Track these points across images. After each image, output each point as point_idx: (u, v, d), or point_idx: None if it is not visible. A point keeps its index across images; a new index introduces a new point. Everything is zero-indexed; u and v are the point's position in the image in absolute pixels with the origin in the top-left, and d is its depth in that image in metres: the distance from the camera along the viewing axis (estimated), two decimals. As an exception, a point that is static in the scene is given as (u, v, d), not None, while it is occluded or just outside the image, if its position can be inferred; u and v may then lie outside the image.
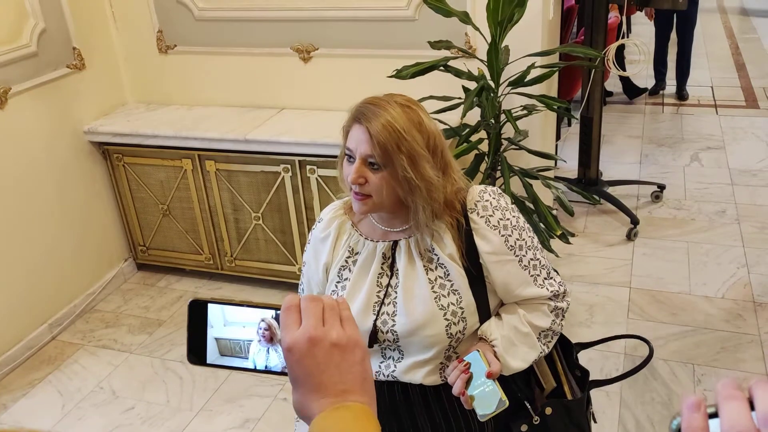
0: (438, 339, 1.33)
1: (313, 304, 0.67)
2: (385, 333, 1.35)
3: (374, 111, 1.25)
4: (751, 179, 4.08)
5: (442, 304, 1.32)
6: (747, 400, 0.40)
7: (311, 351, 0.65)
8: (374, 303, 1.36)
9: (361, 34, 2.94)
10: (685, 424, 0.42)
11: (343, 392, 0.65)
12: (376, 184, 1.27)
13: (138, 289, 3.43)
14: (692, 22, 5.27)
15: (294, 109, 3.18)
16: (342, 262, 1.40)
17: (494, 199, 1.36)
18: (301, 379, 0.65)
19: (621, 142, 4.79)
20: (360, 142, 1.26)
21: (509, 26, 2.27)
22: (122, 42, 3.33)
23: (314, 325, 0.66)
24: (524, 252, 1.35)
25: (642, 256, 3.37)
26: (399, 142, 1.23)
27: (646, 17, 5.50)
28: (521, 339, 1.36)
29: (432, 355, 1.35)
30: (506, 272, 1.34)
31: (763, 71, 6.13)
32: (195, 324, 0.74)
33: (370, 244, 1.38)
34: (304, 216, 3.04)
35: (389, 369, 1.39)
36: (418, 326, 1.32)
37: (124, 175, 3.28)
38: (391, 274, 1.36)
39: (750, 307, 2.93)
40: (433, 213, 1.30)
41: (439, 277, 1.34)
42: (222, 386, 2.70)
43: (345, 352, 0.66)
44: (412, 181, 1.25)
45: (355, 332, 0.68)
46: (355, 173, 1.26)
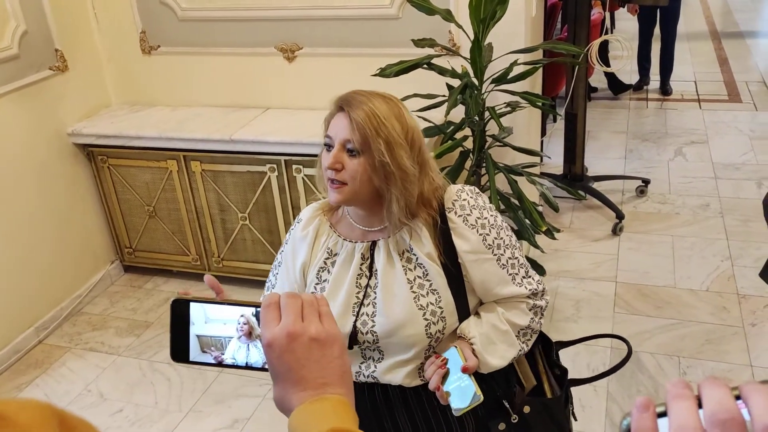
0: (418, 339, 1.33)
1: (292, 300, 0.69)
2: (365, 334, 1.35)
3: (358, 99, 1.27)
4: (734, 173, 4.13)
5: (421, 303, 1.32)
6: (695, 398, 0.41)
7: (291, 346, 0.66)
8: (353, 304, 1.36)
9: (345, 32, 2.95)
10: (635, 425, 0.42)
11: (322, 385, 0.67)
12: (352, 170, 1.27)
13: (125, 291, 3.41)
14: (675, 18, 5.31)
15: (279, 109, 3.18)
16: (321, 264, 1.39)
17: (472, 198, 1.36)
18: (282, 373, 0.67)
19: (606, 137, 4.82)
20: (340, 129, 1.27)
21: (492, 23, 2.28)
22: (105, 43, 3.31)
23: (293, 320, 0.67)
24: (502, 251, 1.36)
25: (627, 251, 3.40)
26: (378, 128, 1.25)
27: (629, 13, 5.54)
28: (500, 337, 1.36)
29: (412, 356, 1.35)
30: (484, 271, 1.35)
31: (745, 66, 6.19)
32: (178, 323, 0.75)
33: (348, 245, 1.38)
34: (290, 216, 3.04)
35: (369, 369, 1.39)
36: (397, 326, 1.32)
37: (109, 177, 3.26)
38: (370, 274, 1.36)
39: (734, 300, 2.96)
40: (407, 207, 1.30)
41: (418, 276, 1.34)
42: (211, 387, 2.70)
43: (324, 346, 0.67)
44: (387, 166, 1.26)
45: (333, 327, 0.69)
46: (332, 158, 1.27)
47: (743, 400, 0.40)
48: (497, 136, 2.55)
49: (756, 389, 0.40)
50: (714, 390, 0.40)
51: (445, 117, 2.37)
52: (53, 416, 0.40)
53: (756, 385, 0.40)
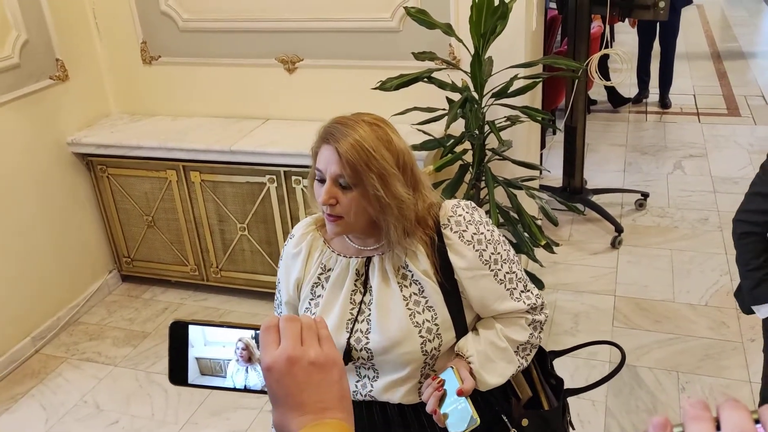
0: (413, 357, 1.32)
1: (291, 324, 0.69)
2: (359, 351, 1.34)
3: (342, 131, 1.23)
4: (733, 187, 4.13)
5: (416, 321, 1.31)
6: (713, 420, 0.41)
7: (290, 370, 0.66)
8: (347, 320, 1.35)
9: (346, 45, 2.96)
10: None
11: (322, 410, 0.66)
12: (346, 204, 1.26)
13: (122, 301, 3.40)
14: (675, 32, 5.33)
15: (279, 120, 3.19)
16: (315, 279, 1.38)
17: (467, 213, 1.35)
18: (281, 398, 0.67)
19: (605, 150, 4.83)
20: (329, 163, 1.24)
21: (492, 38, 2.29)
22: (106, 53, 3.32)
23: (293, 344, 0.67)
24: (499, 266, 1.34)
25: (626, 264, 3.40)
26: (368, 161, 1.22)
27: (629, 26, 5.57)
28: (498, 354, 1.35)
29: (407, 373, 1.34)
30: (482, 287, 1.33)
31: (744, 80, 6.21)
32: (176, 345, 0.75)
33: (343, 260, 1.37)
34: (289, 227, 3.03)
35: (366, 389, 1.38)
36: (392, 344, 1.31)
37: (108, 187, 3.26)
38: (364, 290, 1.35)
39: (733, 315, 2.96)
40: (405, 231, 1.29)
41: (414, 293, 1.33)
42: (207, 399, 2.68)
43: (323, 370, 0.67)
44: (383, 199, 1.24)
45: (332, 351, 0.69)
46: (325, 194, 1.25)
47: (762, 424, 0.39)
48: (497, 149, 2.55)
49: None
50: (733, 412, 0.40)
51: (445, 131, 2.37)
52: None
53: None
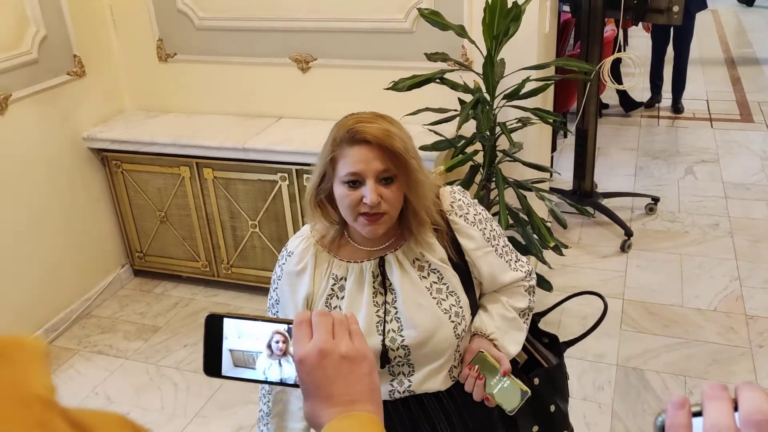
0: (448, 343, 1.35)
1: (324, 318, 0.71)
2: (396, 350, 1.34)
3: (366, 128, 1.23)
4: (745, 193, 4.12)
5: (444, 307, 1.34)
6: (731, 401, 0.42)
7: (321, 363, 0.68)
8: (376, 323, 1.35)
9: (359, 45, 2.98)
10: (669, 421, 0.43)
11: (351, 402, 0.68)
12: (391, 199, 1.26)
13: (134, 295, 3.44)
14: (689, 36, 5.31)
15: (292, 119, 3.21)
16: (328, 291, 1.37)
17: (463, 197, 1.41)
18: (312, 389, 0.69)
19: (616, 154, 4.82)
20: (368, 161, 1.23)
21: (505, 40, 2.30)
22: (122, 50, 3.36)
23: (324, 338, 0.69)
24: (497, 241, 1.41)
25: (636, 268, 3.40)
26: (405, 146, 1.25)
27: (643, 30, 5.55)
28: (510, 325, 1.41)
29: (443, 361, 1.37)
30: (489, 263, 1.39)
31: (757, 85, 6.18)
32: (211, 337, 0.76)
33: (355, 266, 1.36)
34: (300, 224, 3.06)
35: (403, 385, 1.38)
36: (428, 335, 1.33)
37: (122, 182, 3.30)
38: (384, 290, 1.36)
39: (742, 320, 2.95)
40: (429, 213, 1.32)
41: (434, 282, 1.35)
42: (216, 393, 2.71)
43: (353, 364, 0.69)
44: (423, 183, 1.28)
45: (363, 345, 0.71)
46: (373, 193, 1.22)
47: None
48: (508, 151, 2.56)
49: None
50: (751, 393, 0.41)
51: (457, 131, 2.39)
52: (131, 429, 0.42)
53: None
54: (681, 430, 0.42)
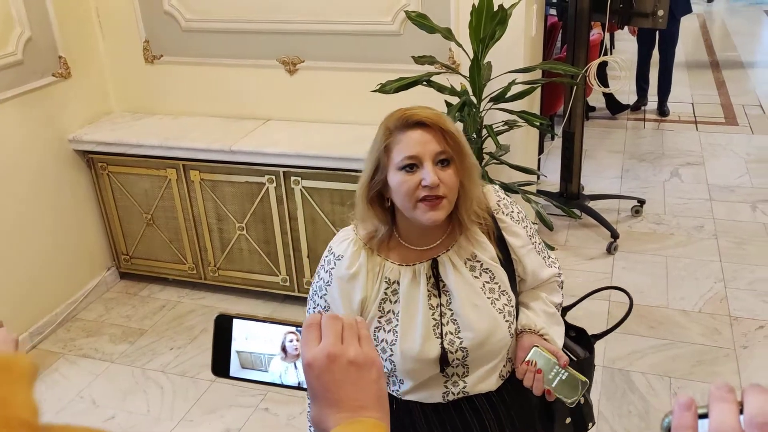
0: (504, 343, 1.36)
1: (333, 322, 0.70)
2: (455, 353, 1.33)
3: (417, 111, 1.25)
4: (729, 195, 4.16)
5: (498, 307, 1.34)
6: (737, 403, 0.42)
7: (330, 367, 0.68)
8: (433, 326, 1.33)
9: (347, 47, 2.98)
10: (675, 422, 0.43)
11: (358, 408, 0.68)
12: (449, 181, 1.25)
13: (120, 298, 3.42)
14: (674, 40, 5.36)
15: (279, 121, 3.21)
16: (381, 295, 1.34)
17: (505, 196, 1.43)
18: (320, 394, 0.68)
19: (603, 156, 4.86)
20: (425, 143, 1.23)
21: (491, 43, 2.31)
22: (108, 51, 3.35)
23: (333, 342, 0.68)
24: (535, 239, 1.43)
25: (621, 270, 3.42)
26: (457, 130, 1.27)
27: (629, 34, 5.60)
28: (552, 320, 1.44)
29: (498, 361, 1.38)
30: (532, 261, 1.41)
31: (742, 89, 6.25)
32: (220, 338, 0.76)
33: (408, 270, 1.33)
34: (288, 227, 3.05)
35: (458, 386, 1.37)
36: (486, 335, 1.33)
37: (108, 184, 3.28)
38: (438, 292, 1.34)
39: (726, 321, 2.98)
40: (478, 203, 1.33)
41: (486, 282, 1.35)
42: (203, 396, 2.70)
43: (362, 369, 0.69)
44: (476, 167, 1.29)
45: (372, 351, 0.71)
46: (432, 175, 1.22)
47: None
48: (494, 153, 2.58)
49: None
50: (756, 395, 0.41)
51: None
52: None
53: None
54: (687, 431, 0.43)
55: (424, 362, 1.32)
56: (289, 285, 3.19)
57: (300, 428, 2.53)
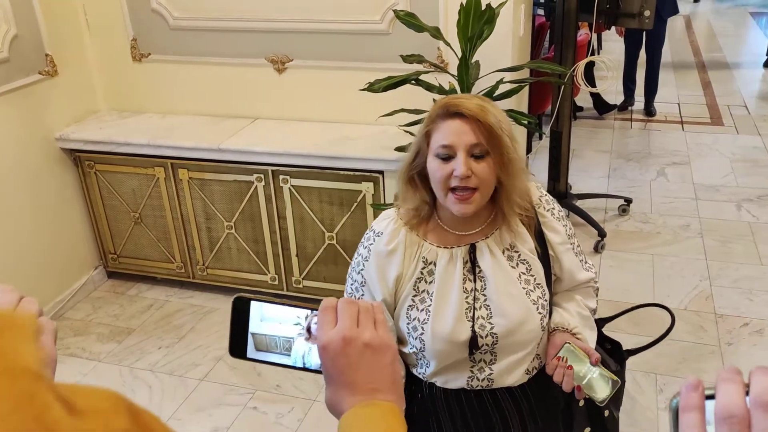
0: (534, 334, 1.36)
1: (349, 306, 0.71)
2: (485, 337, 1.34)
3: (463, 102, 1.26)
4: (715, 194, 4.20)
5: (532, 298, 1.35)
6: (744, 384, 0.43)
7: (345, 350, 0.68)
8: (466, 309, 1.35)
9: (336, 46, 2.98)
10: (683, 403, 0.44)
11: (372, 391, 0.68)
12: (482, 174, 1.25)
13: (108, 297, 3.41)
14: (661, 41, 5.41)
15: (268, 119, 3.21)
16: (417, 275, 1.36)
17: (548, 193, 1.43)
18: (335, 376, 0.69)
19: (590, 156, 4.89)
20: (461, 134, 1.25)
21: (479, 42, 2.32)
22: (96, 49, 3.33)
23: (349, 325, 0.69)
24: (573, 240, 1.44)
25: (609, 268, 3.45)
26: (500, 123, 1.26)
27: (617, 34, 5.64)
28: (586, 323, 1.44)
29: (526, 353, 1.38)
30: (569, 260, 1.41)
31: (727, 89, 6.31)
32: (237, 320, 0.77)
33: (445, 252, 1.35)
34: (276, 225, 3.05)
35: (483, 373, 1.38)
36: (517, 325, 1.34)
37: (95, 183, 3.27)
38: (474, 277, 1.36)
39: (711, 319, 3.01)
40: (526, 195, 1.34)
41: (522, 273, 1.36)
42: (191, 395, 2.69)
43: (376, 353, 0.69)
44: (516, 162, 1.28)
45: (387, 335, 0.71)
46: (464, 166, 1.23)
47: None
48: (482, 152, 2.59)
49: None
50: (762, 376, 0.42)
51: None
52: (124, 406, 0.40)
53: None
54: (694, 411, 0.43)
55: (453, 344, 1.34)
56: (277, 284, 3.18)
57: (288, 426, 2.53)
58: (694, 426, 0.43)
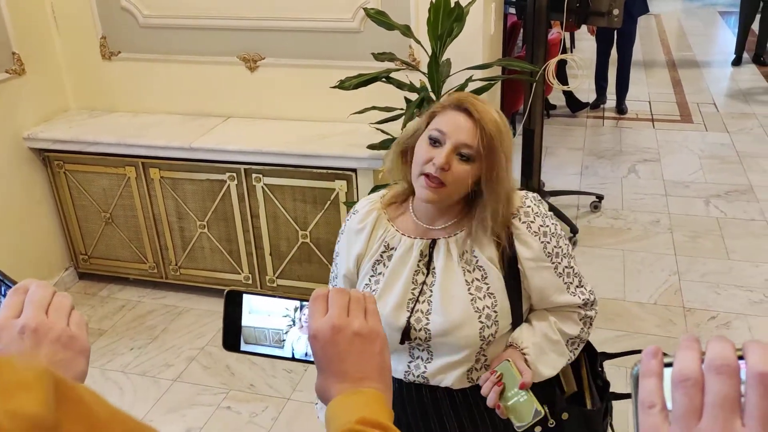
0: (471, 341, 1.33)
1: (340, 295, 0.72)
2: (418, 331, 1.35)
3: (480, 105, 1.27)
4: (684, 190, 4.27)
5: (477, 306, 1.33)
6: (701, 352, 0.45)
7: (334, 338, 0.69)
8: (408, 300, 1.36)
9: (308, 44, 2.98)
10: (643, 368, 0.46)
11: (361, 379, 0.70)
12: (458, 175, 1.26)
13: (79, 298, 3.36)
14: (631, 40, 5.48)
15: (240, 118, 3.19)
16: (377, 257, 1.39)
17: (535, 205, 1.37)
18: (324, 364, 0.70)
19: (563, 153, 4.94)
20: (458, 129, 1.26)
21: (449, 40, 2.34)
22: (64, 47, 3.28)
23: (338, 314, 0.70)
24: (560, 259, 1.36)
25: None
26: (502, 140, 1.26)
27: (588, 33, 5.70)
28: (551, 347, 1.37)
29: (462, 358, 1.35)
30: (542, 278, 1.35)
31: (697, 87, 6.42)
32: (230, 313, 0.77)
33: (407, 241, 1.37)
34: (249, 224, 3.04)
35: (419, 369, 1.39)
36: (453, 326, 1.33)
37: (65, 183, 3.22)
38: (427, 272, 1.36)
39: (680, 313, 3.07)
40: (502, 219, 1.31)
41: (476, 279, 1.34)
42: (164, 396, 2.67)
43: (365, 341, 0.70)
44: (504, 182, 1.27)
45: (377, 324, 0.72)
46: (444, 158, 1.24)
47: (743, 353, 0.43)
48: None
49: (756, 343, 0.44)
50: (718, 343, 0.44)
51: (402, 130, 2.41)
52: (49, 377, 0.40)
53: (758, 341, 0.44)
54: (652, 377, 0.45)
55: (389, 327, 1.35)
56: (251, 283, 3.17)
57: (262, 426, 2.52)
58: (652, 391, 0.45)
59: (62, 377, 0.40)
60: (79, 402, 0.40)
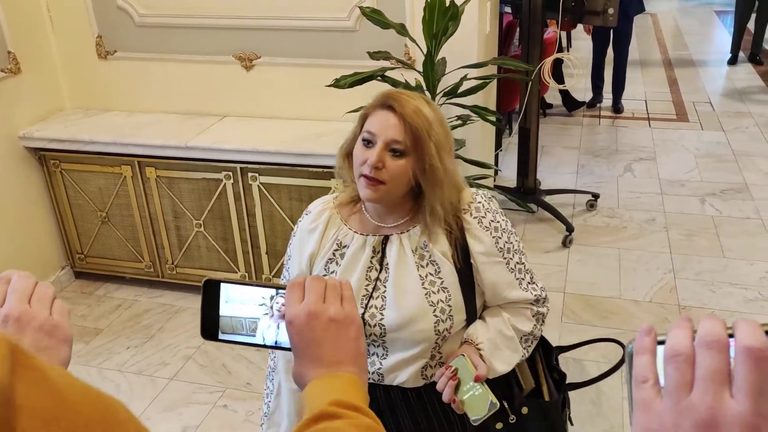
0: (426, 335, 1.34)
1: (317, 282, 0.74)
2: (373, 327, 1.35)
3: (403, 99, 1.28)
4: (680, 189, 4.28)
5: (432, 300, 1.34)
6: (693, 330, 0.46)
7: (310, 324, 0.71)
8: (362, 296, 1.37)
9: (303, 43, 2.98)
10: (636, 346, 0.48)
11: (336, 363, 0.71)
12: (394, 171, 1.28)
13: (75, 297, 3.36)
14: (627, 39, 5.49)
15: (236, 117, 3.19)
16: (329, 255, 1.40)
17: (486, 201, 1.40)
18: (301, 350, 0.72)
19: (559, 152, 4.95)
20: (386, 127, 1.27)
21: (444, 39, 2.34)
22: (60, 47, 3.28)
23: (315, 300, 0.72)
24: (511, 255, 1.39)
25: (576, 263, 3.50)
26: (429, 130, 1.27)
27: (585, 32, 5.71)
28: (505, 343, 1.39)
29: (417, 353, 1.36)
30: (495, 273, 1.37)
31: (693, 86, 6.43)
32: (208, 302, 0.78)
33: (359, 238, 1.39)
34: (245, 223, 3.04)
35: (374, 366, 1.39)
36: (407, 321, 1.33)
37: (61, 182, 3.22)
38: (380, 268, 1.37)
39: (675, 310, 3.08)
40: (445, 209, 1.32)
41: (430, 273, 1.35)
42: (160, 394, 2.68)
43: (341, 327, 0.72)
44: (438, 171, 1.28)
45: (352, 311, 0.74)
46: (376, 157, 1.26)
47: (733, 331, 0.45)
48: (449, 148, 2.61)
49: (744, 321, 0.45)
50: (709, 321, 0.45)
51: (398, 128, 2.41)
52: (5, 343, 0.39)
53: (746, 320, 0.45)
54: (646, 353, 0.47)
55: None
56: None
57: (258, 424, 2.52)
58: (645, 366, 0.46)
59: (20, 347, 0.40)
60: (35, 369, 0.40)
